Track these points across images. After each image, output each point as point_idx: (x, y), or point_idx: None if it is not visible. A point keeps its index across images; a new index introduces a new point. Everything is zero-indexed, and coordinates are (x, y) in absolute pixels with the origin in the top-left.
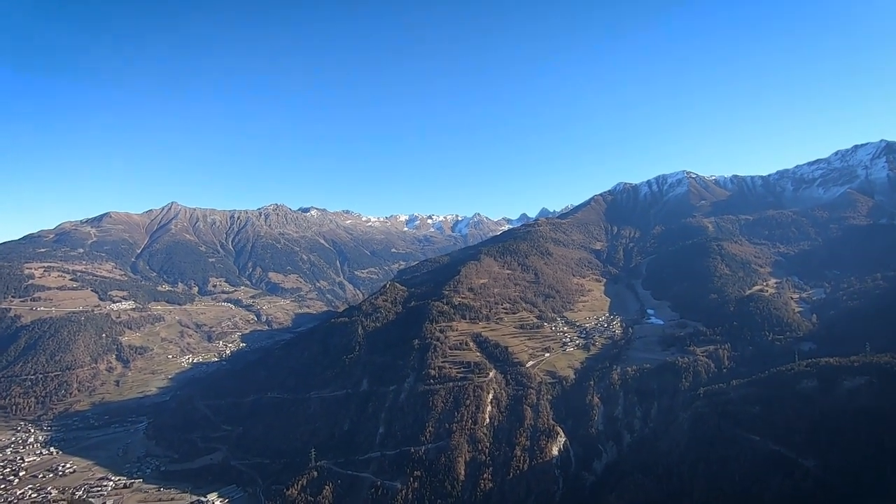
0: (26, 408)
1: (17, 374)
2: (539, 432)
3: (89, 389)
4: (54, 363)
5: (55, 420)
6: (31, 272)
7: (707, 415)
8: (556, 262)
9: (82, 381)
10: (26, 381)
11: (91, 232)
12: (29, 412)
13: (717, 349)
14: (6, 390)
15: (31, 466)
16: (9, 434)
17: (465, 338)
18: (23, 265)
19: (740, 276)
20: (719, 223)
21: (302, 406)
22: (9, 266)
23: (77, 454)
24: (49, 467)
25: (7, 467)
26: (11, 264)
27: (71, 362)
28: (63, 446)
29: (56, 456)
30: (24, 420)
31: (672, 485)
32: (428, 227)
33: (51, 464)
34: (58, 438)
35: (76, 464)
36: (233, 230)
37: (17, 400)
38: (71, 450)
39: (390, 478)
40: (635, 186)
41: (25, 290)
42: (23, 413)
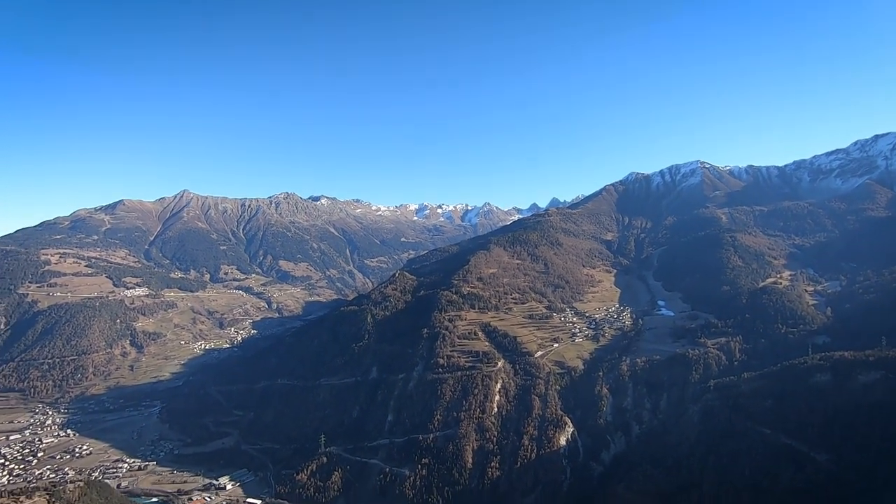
0: (44, 391)
1: (34, 358)
2: (547, 422)
3: (104, 374)
4: (70, 348)
5: (72, 403)
6: (48, 258)
7: (718, 407)
8: (567, 253)
9: (97, 366)
10: (44, 365)
11: (105, 219)
12: (47, 395)
13: (729, 341)
14: (25, 374)
15: (49, 448)
16: (27, 416)
17: (474, 327)
18: (39, 251)
19: (754, 267)
20: (733, 214)
21: (312, 393)
22: (26, 252)
23: (93, 436)
24: (66, 449)
25: (26, 448)
26: (28, 250)
27: (86, 347)
28: (80, 429)
29: (73, 438)
30: (42, 402)
31: (681, 477)
32: (438, 217)
33: (68, 445)
34: (74, 421)
35: (92, 446)
36: (244, 218)
37: (35, 383)
38: (87, 432)
39: (399, 465)
40: (648, 177)
41: (42, 276)
42: (41, 396)
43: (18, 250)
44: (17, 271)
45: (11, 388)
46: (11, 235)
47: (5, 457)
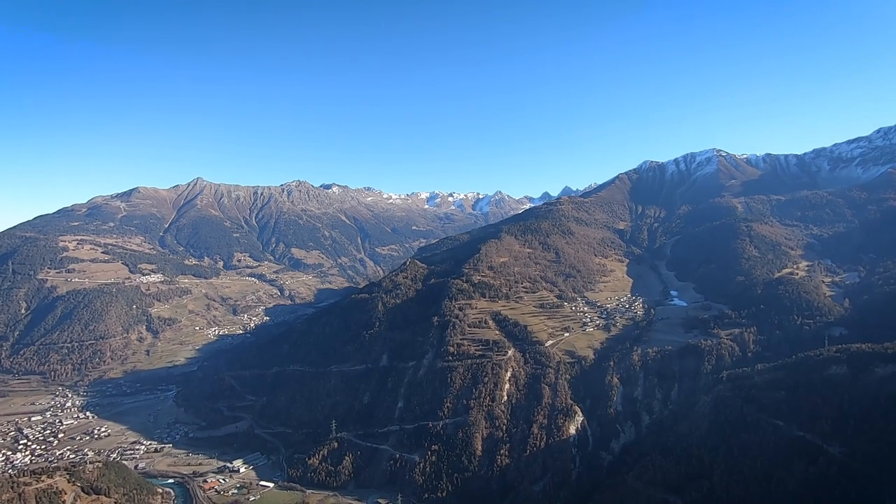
0: (64, 374)
1: (54, 342)
2: (557, 411)
3: (121, 358)
4: (88, 332)
5: (90, 386)
6: (66, 245)
7: (730, 398)
8: (578, 242)
9: (115, 350)
10: (63, 349)
11: (121, 206)
12: (66, 378)
13: (743, 332)
14: (45, 357)
15: (69, 429)
16: (48, 398)
17: (485, 316)
18: (57, 238)
19: (769, 258)
20: (749, 203)
21: (323, 379)
22: (45, 238)
23: (111, 419)
24: (85, 430)
25: (47, 429)
26: (47, 237)
27: (104, 332)
28: (98, 411)
29: (92, 420)
30: (62, 385)
31: (691, 467)
32: (449, 205)
33: (87, 427)
34: (93, 403)
35: (110, 428)
36: (256, 206)
37: (55, 366)
38: (105, 414)
39: (409, 451)
40: (662, 165)
41: (60, 262)
42: (61, 379)
43: (37, 237)
44: (37, 257)
45: (33, 371)
46: (30, 222)
47: (27, 437)
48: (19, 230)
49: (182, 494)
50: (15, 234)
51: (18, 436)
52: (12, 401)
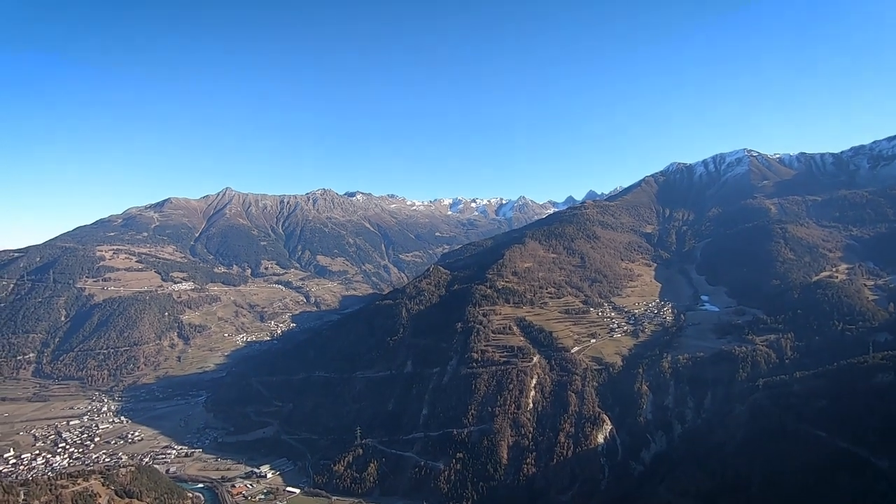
0: (100, 379)
1: (91, 349)
2: (584, 419)
3: (154, 364)
4: (123, 339)
5: (125, 391)
6: (102, 254)
7: (767, 407)
8: (604, 246)
9: (148, 356)
10: (99, 355)
11: (154, 217)
12: (102, 383)
13: (779, 338)
14: (83, 363)
15: (104, 433)
16: (86, 403)
17: (509, 322)
18: (95, 247)
19: (806, 260)
20: (783, 205)
21: (348, 385)
22: (83, 249)
23: (144, 423)
24: (120, 434)
25: (84, 433)
26: (86, 247)
27: (138, 338)
28: (132, 416)
29: (126, 424)
30: (99, 390)
31: (727, 479)
32: (472, 211)
33: (121, 431)
34: (127, 408)
35: (143, 432)
36: (283, 214)
37: (92, 372)
38: (139, 419)
39: (433, 458)
40: (690, 166)
41: (97, 271)
42: (97, 384)
43: (76, 247)
44: (76, 266)
45: (71, 376)
46: (70, 233)
47: (66, 441)
48: (60, 241)
49: (211, 499)
50: (56, 244)
51: (58, 439)
52: (52, 405)
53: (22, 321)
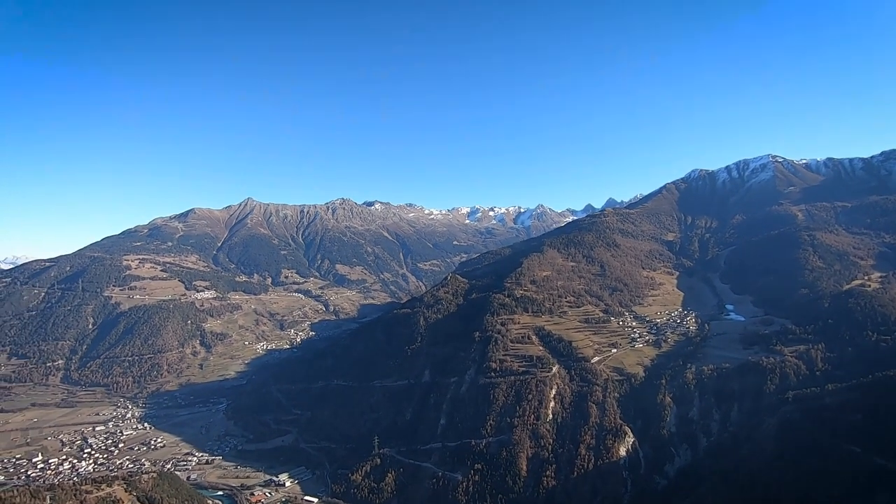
0: (125, 386)
1: (117, 356)
2: (605, 431)
3: (177, 371)
4: (147, 346)
5: (148, 398)
6: (129, 264)
7: (798, 421)
8: (624, 255)
9: (171, 364)
10: (125, 362)
11: (178, 227)
12: (127, 390)
13: (809, 349)
14: (109, 370)
15: (128, 439)
16: (111, 409)
17: (528, 331)
18: (121, 257)
19: (836, 268)
20: (810, 211)
21: (366, 394)
22: (110, 258)
23: (167, 430)
24: (143, 441)
25: (109, 439)
26: (112, 256)
27: (161, 346)
28: (155, 422)
29: (149, 431)
30: (123, 397)
31: (755, 494)
32: (490, 220)
33: (145, 438)
34: (151, 415)
35: (166, 439)
36: (303, 224)
37: (118, 379)
38: (162, 426)
39: (451, 469)
40: (712, 173)
41: (124, 280)
42: (122, 391)
43: (104, 256)
44: (103, 275)
45: (98, 382)
46: (98, 243)
47: (91, 446)
48: (88, 251)
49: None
50: (85, 254)
51: (84, 444)
52: (79, 411)
53: (52, 328)
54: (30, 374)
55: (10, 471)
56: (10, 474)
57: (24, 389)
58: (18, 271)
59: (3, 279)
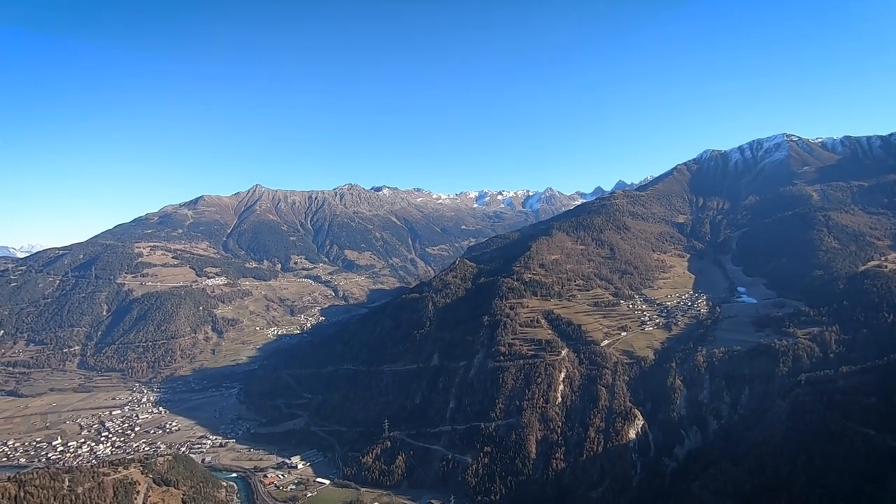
0: (140, 371)
1: (131, 342)
2: (615, 414)
3: (190, 356)
4: (161, 332)
5: (163, 383)
6: (140, 251)
7: (810, 404)
8: (634, 237)
9: (184, 349)
10: (139, 348)
11: (188, 214)
12: (142, 375)
13: (823, 332)
14: (124, 355)
15: (144, 423)
16: (127, 393)
17: (536, 315)
18: (133, 244)
19: (852, 249)
20: (826, 191)
21: (375, 378)
22: (122, 246)
23: (181, 414)
24: (158, 424)
25: (125, 423)
26: (124, 244)
27: (174, 332)
28: (170, 406)
29: (164, 415)
30: (139, 382)
31: (766, 478)
32: (498, 204)
33: (160, 421)
34: (165, 399)
35: (180, 423)
36: (311, 210)
37: (133, 364)
38: (176, 409)
39: (460, 452)
40: (724, 153)
41: (136, 267)
42: (137, 376)
43: (116, 244)
44: (116, 263)
45: (113, 368)
46: (111, 231)
47: (109, 430)
48: (101, 238)
49: (244, 489)
50: (97, 242)
51: (101, 428)
52: (96, 396)
53: (67, 315)
54: (47, 359)
55: (32, 454)
56: (31, 457)
57: (43, 375)
58: (33, 259)
59: (19, 267)
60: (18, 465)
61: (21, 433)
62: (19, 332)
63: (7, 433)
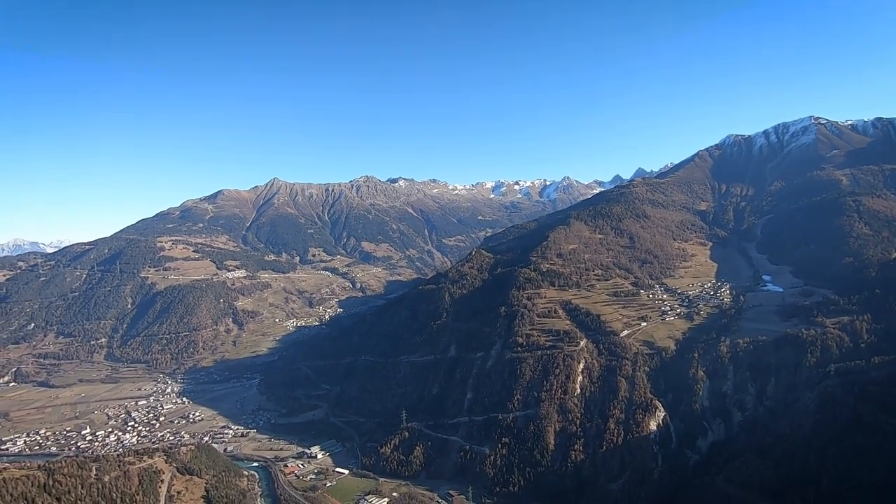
0: (164, 362)
1: (155, 334)
2: (635, 405)
3: (212, 348)
4: (183, 325)
5: (186, 374)
6: (162, 245)
7: (840, 395)
8: (654, 225)
9: (206, 341)
10: (163, 340)
11: (208, 208)
12: (166, 366)
13: (853, 321)
14: (148, 347)
15: (168, 413)
16: (151, 384)
17: (554, 305)
18: (155, 239)
19: (884, 235)
20: (856, 175)
21: (393, 369)
22: (145, 240)
23: (204, 404)
24: (182, 415)
25: (150, 413)
26: (147, 238)
27: (196, 324)
28: (193, 397)
29: (188, 405)
30: (163, 373)
31: (794, 471)
32: (515, 194)
33: (184, 412)
34: (189, 390)
35: (203, 413)
36: (328, 202)
37: (157, 356)
38: (199, 400)
39: (478, 443)
40: (748, 138)
41: (158, 261)
42: (161, 367)
43: (139, 238)
44: (139, 257)
45: (138, 359)
46: (134, 225)
47: (135, 420)
48: (125, 233)
49: (265, 478)
50: (121, 237)
51: (127, 418)
52: (122, 386)
53: (94, 308)
54: (76, 351)
55: (62, 442)
56: (61, 446)
57: (72, 366)
58: (61, 254)
59: (48, 262)
60: (50, 453)
61: (52, 423)
62: (49, 325)
63: (39, 422)
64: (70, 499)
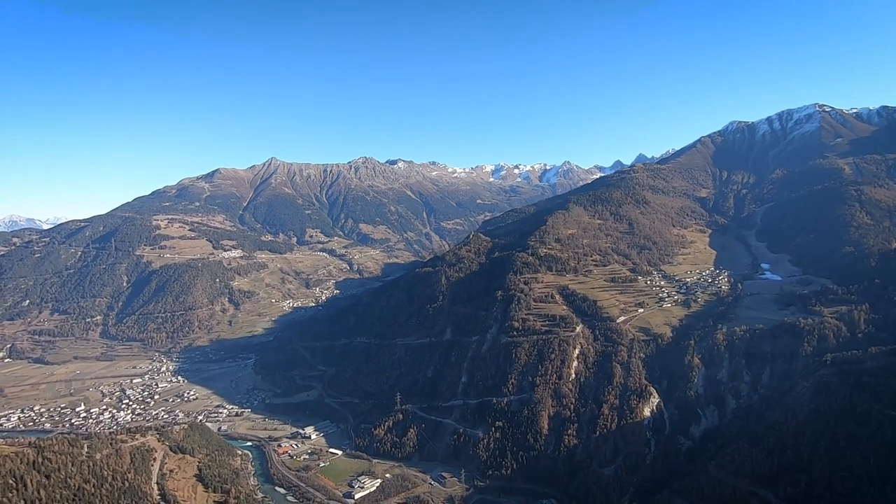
0: (159, 341)
1: (150, 313)
2: (630, 391)
3: (207, 327)
4: (179, 304)
5: (181, 353)
6: (158, 223)
7: (835, 384)
8: (654, 212)
9: (202, 320)
10: (158, 319)
11: (205, 187)
12: (161, 345)
13: (851, 310)
14: (143, 326)
15: (163, 391)
16: (147, 363)
17: (551, 290)
18: (151, 217)
19: (885, 225)
20: (859, 164)
21: (388, 352)
22: (141, 218)
23: (199, 383)
24: (177, 393)
25: (145, 391)
26: (143, 216)
27: (192, 303)
28: (188, 375)
29: (182, 384)
30: (158, 351)
31: (786, 459)
32: (514, 178)
33: (178, 390)
34: (184, 369)
35: (198, 392)
36: (326, 183)
37: (152, 334)
38: (194, 379)
39: (472, 426)
40: (752, 125)
41: (154, 240)
42: (157, 346)
43: (135, 217)
44: (135, 235)
45: (134, 338)
46: (130, 204)
47: (129, 398)
48: (120, 211)
49: (258, 457)
50: (117, 214)
51: (122, 396)
52: (118, 364)
53: (89, 286)
54: (71, 328)
55: (56, 419)
56: (55, 422)
57: (67, 343)
58: (56, 231)
59: (42, 238)
60: (44, 430)
61: (47, 399)
62: (44, 302)
63: (34, 399)
64: (60, 476)
